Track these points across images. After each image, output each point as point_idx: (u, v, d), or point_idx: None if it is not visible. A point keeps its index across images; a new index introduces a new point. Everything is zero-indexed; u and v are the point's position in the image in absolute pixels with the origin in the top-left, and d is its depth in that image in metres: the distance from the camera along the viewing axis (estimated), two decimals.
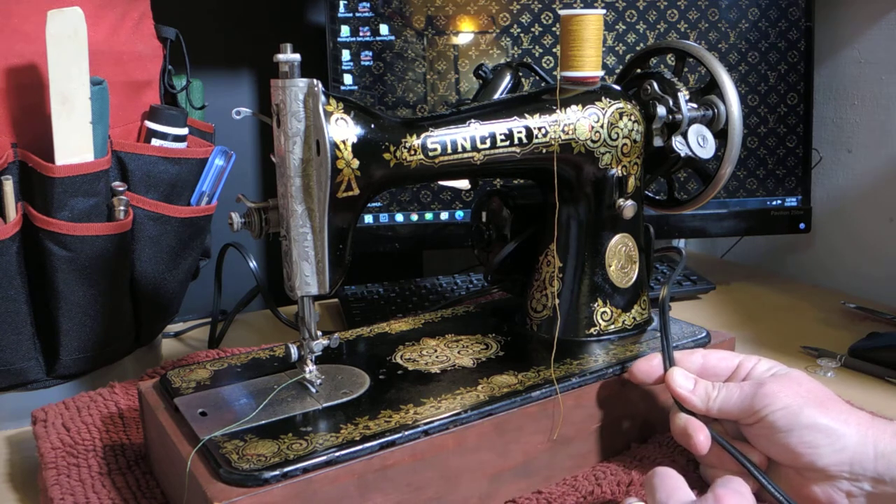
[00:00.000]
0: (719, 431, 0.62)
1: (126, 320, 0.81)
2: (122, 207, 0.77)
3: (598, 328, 0.73)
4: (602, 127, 0.70)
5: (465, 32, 1.05)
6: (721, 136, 0.73)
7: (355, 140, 0.60)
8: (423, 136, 0.64)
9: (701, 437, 0.59)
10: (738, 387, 0.60)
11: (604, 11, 0.76)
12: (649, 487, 0.54)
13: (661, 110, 0.72)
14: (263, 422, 0.58)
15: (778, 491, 0.56)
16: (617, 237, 0.73)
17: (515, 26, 1.05)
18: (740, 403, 0.59)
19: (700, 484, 0.62)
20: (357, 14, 1.03)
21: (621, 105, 0.71)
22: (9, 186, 0.72)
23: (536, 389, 0.63)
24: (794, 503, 0.56)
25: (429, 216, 1.08)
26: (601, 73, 0.72)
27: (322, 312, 1.09)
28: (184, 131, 0.83)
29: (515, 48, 1.05)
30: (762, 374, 0.62)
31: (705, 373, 0.64)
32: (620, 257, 0.74)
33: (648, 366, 0.65)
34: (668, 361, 0.64)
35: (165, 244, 0.82)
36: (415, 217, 1.08)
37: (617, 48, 1.06)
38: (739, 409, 0.59)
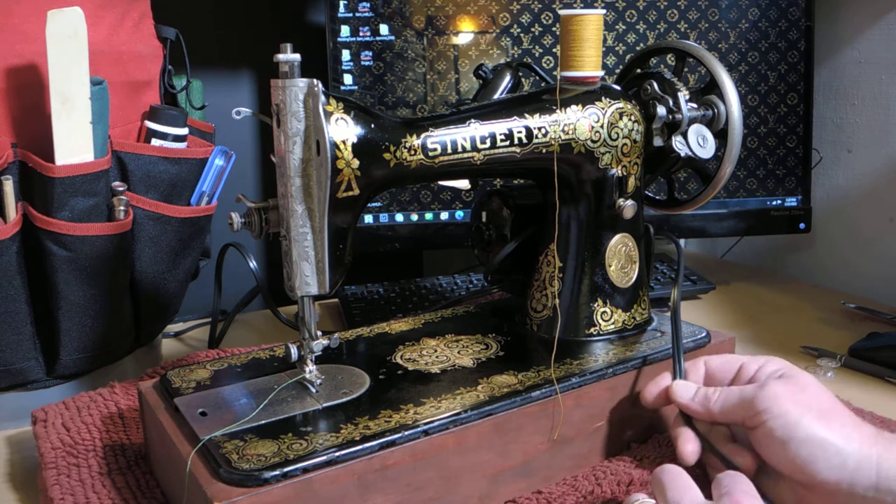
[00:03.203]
0: (727, 435, 0.62)
1: (126, 320, 0.81)
2: (122, 207, 0.77)
3: (598, 328, 0.73)
4: (602, 127, 0.70)
5: (465, 32, 1.04)
6: (721, 136, 0.73)
7: (355, 140, 0.60)
8: (423, 136, 0.64)
9: (689, 448, 0.60)
10: (739, 388, 0.60)
11: (604, 11, 0.76)
12: (658, 484, 0.53)
13: (661, 110, 0.72)
14: (263, 422, 0.58)
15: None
16: (617, 237, 0.73)
17: (515, 26, 1.05)
18: (741, 403, 0.59)
19: (702, 482, 0.62)
20: (357, 14, 1.03)
21: (621, 105, 0.71)
22: (9, 186, 0.72)
23: (536, 389, 0.63)
24: None
25: (429, 216, 1.08)
26: (601, 73, 0.72)
27: (322, 312, 1.09)
28: (184, 131, 0.83)
29: (515, 48, 1.05)
30: (769, 376, 0.61)
31: (709, 381, 0.64)
32: (620, 257, 0.74)
33: (657, 388, 0.65)
34: (679, 373, 0.65)
35: (165, 244, 0.82)
36: (415, 217, 1.08)
37: (617, 48, 1.06)
38: (741, 408, 0.58)
